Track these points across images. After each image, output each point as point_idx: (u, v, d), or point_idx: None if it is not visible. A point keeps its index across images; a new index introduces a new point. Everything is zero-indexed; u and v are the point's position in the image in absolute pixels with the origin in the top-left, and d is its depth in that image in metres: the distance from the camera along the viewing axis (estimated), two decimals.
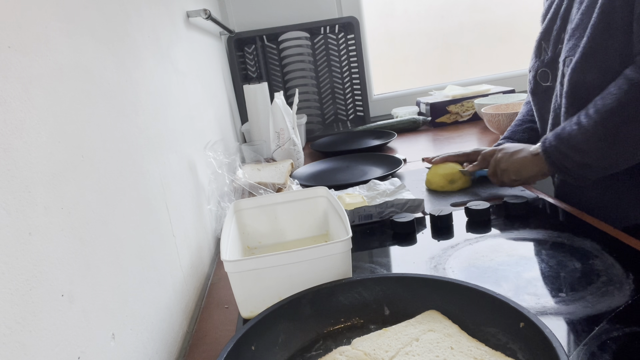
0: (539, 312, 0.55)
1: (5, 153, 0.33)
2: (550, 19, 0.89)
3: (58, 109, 0.42)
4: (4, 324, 0.30)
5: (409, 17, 1.95)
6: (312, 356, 0.51)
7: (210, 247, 0.94)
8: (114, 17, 0.61)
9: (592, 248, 0.67)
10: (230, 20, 1.78)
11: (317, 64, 1.82)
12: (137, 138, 0.61)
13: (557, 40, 0.87)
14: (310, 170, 1.29)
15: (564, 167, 0.79)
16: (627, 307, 0.53)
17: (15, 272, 0.32)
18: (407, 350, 0.48)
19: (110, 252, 0.48)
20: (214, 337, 0.63)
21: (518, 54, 1.92)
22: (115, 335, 0.46)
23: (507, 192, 0.93)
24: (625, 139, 0.72)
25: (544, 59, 0.90)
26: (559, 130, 0.79)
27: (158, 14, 0.83)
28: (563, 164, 0.78)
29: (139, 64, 0.68)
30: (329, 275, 0.58)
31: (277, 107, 1.28)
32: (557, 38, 0.87)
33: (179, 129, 0.84)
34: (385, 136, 1.53)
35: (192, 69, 1.05)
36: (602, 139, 0.73)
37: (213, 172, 0.95)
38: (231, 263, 0.57)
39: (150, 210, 0.62)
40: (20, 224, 0.34)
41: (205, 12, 1.12)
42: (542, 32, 0.91)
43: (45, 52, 0.41)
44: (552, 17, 0.89)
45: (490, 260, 0.69)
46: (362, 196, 0.95)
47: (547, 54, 0.89)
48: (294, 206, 0.80)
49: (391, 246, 0.79)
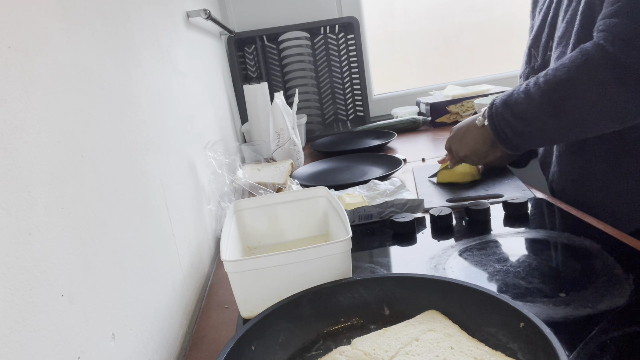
0: (539, 312, 0.55)
1: (5, 153, 0.33)
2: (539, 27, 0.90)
3: (58, 109, 0.42)
4: (4, 324, 0.30)
5: (409, 17, 1.95)
6: (312, 356, 0.51)
7: (210, 247, 0.94)
8: (114, 17, 0.61)
9: (592, 248, 0.67)
10: (230, 20, 1.78)
11: (317, 64, 1.82)
12: (137, 138, 0.61)
13: (546, 48, 0.88)
14: (310, 170, 1.29)
15: (504, 133, 0.79)
16: (627, 307, 0.53)
17: (15, 272, 0.32)
18: (407, 350, 0.48)
19: (110, 252, 0.48)
20: (214, 337, 0.63)
21: (518, 54, 1.91)
22: (115, 335, 0.46)
23: (507, 192, 0.93)
24: (567, 113, 0.72)
25: (534, 65, 0.92)
26: (506, 96, 0.79)
27: (158, 14, 0.83)
28: (504, 131, 0.79)
29: (139, 64, 0.68)
30: (329, 275, 0.58)
31: (277, 107, 1.28)
32: (545, 45, 0.88)
33: (179, 129, 0.84)
34: (385, 136, 1.53)
35: (192, 69, 1.05)
36: (544, 110, 0.73)
37: (213, 172, 0.95)
38: (231, 263, 0.57)
39: (150, 210, 0.62)
40: (20, 224, 0.34)
41: (205, 12, 1.12)
42: (532, 39, 0.93)
43: (45, 52, 0.41)
44: (541, 25, 0.90)
45: (491, 260, 0.69)
46: (362, 196, 0.95)
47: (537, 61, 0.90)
48: (294, 206, 0.80)
49: (391, 246, 0.79)
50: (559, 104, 0.72)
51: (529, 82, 0.76)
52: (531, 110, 0.74)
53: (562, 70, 0.71)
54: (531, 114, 0.75)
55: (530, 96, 0.74)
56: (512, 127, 0.77)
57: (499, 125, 0.79)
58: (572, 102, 0.71)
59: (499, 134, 0.80)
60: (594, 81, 0.69)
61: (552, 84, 0.72)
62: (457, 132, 0.90)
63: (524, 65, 0.95)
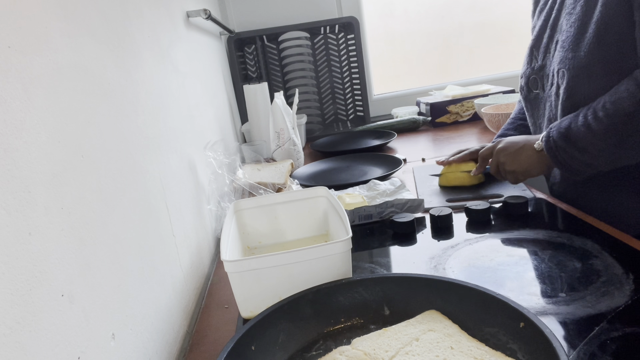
0: (539, 312, 0.55)
1: (5, 153, 0.33)
2: (540, 27, 0.90)
3: (58, 109, 0.42)
4: (4, 324, 0.30)
5: (409, 17, 1.95)
6: (312, 356, 0.51)
7: (210, 247, 0.94)
8: (114, 17, 0.61)
9: (592, 248, 0.67)
10: (230, 20, 1.78)
11: (317, 64, 1.82)
12: (137, 138, 0.61)
13: (547, 49, 0.88)
14: (310, 170, 1.29)
15: (569, 165, 0.80)
16: (627, 307, 0.53)
17: (15, 272, 0.32)
18: (407, 350, 0.48)
19: (110, 252, 0.48)
20: (214, 337, 0.63)
21: (518, 54, 1.91)
22: (115, 335, 0.46)
23: (507, 192, 0.93)
24: (634, 145, 0.74)
25: (534, 66, 0.92)
26: (563, 129, 0.79)
27: (158, 14, 0.83)
28: (568, 163, 0.80)
29: (139, 64, 0.68)
30: (329, 275, 0.58)
31: (277, 107, 1.28)
32: (546, 47, 0.88)
33: (179, 129, 0.84)
34: (385, 136, 1.53)
35: (192, 69, 1.05)
36: (611, 144, 0.74)
37: (213, 172, 0.95)
38: (231, 263, 0.57)
39: (150, 210, 0.62)
40: (20, 224, 0.34)
41: (205, 12, 1.12)
42: (533, 40, 0.93)
43: (45, 52, 0.41)
44: (542, 26, 0.90)
45: (490, 260, 0.69)
46: (362, 196, 0.95)
47: (537, 62, 0.91)
48: (294, 206, 0.80)
49: (391, 246, 0.79)
50: (626, 137, 0.74)
51: (586, 115, 0.76)
52: (596, 144, 0.76)
53: (622, 105, 0.72)
54: (596, 148, 0.76)
55: (593, 130, 0.75)
56: (578, 159, 0.78)
57: (562, 158, 0.80)
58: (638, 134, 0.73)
59: (563, 165, 0.81)
60: None
61: (614, 117, 0.73)
62: (509, 147, 0.89)
63: (525, 65, 0.95)
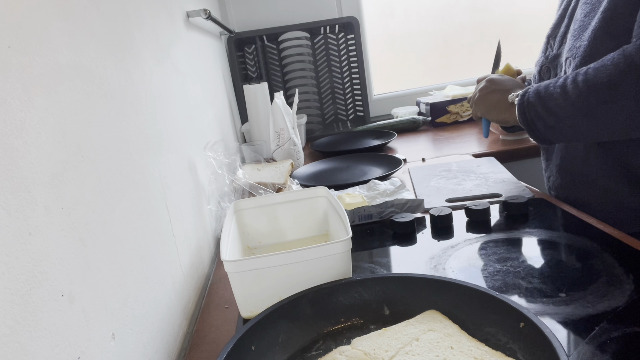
0: (538, 312, 0.55)
1: (5, 153, 0.33)
2: (559, 16, 0.90)
3: (58, 109, 0.42)
4: (4, 324, 0.30)
5: (409, 17, 1.94)
6: (312, 356, 0.51)
7: (210, 247, 0.94)
8: (114, 17, 0.61)
9: (592, 248, 0.67)
10: (230, 20, 1.78)
11: (317, 64, 1.82)
12: (137, 138, 0.61)
13: (562, 39, 0.87)
14: (310, 170, 1.29)
15: (534, 124, 0.79)
16: (627, 307, 0.53)
17: (15, 272, 0.32)
18: (407, 350, 0.48)
19: (110, 252, 0.48)
20: (214, 337, 0.63)
21: (518, 54, 1.92)
22: (115, 335, 0.46)
23: (506, 191, 0.93)
24: (601, 116, 0.72)
25: (548, 55, 0.91)
26: (541, 88, 0.79)
27: (158, 14, 0.83)
28: (533, 122, 0.79)
29: (139, 64, 0.68)
30: (329, 275, 0.58)
31: (277, 107, 1.28)
32: (562, 36, 0.87)
33: (179, 129, 0.84)
34: (385, 136, 1.53)
35: (192, 69, 1.05)
36: (579, 110, 0.73)
37: (213, 172, 0.95)
38: (231, 263, 0.57)
39: (150, 210, 0.62)
40: (20, 224, 0.34)
41: (205, 12, 1.12)
42: (551, 29, 0.92)
43: (45, 52, 0.41)
44: (561, 14, 0.89)
45: (491, 260, 0.69)
46: (362, 196, 0.95)
47: (552, 51, 0.90)
48: (294, 206, 0.80)
49: (391, 246, 0.79)
50: (595, 107, 0.71)
51: (567, 77, 0.75)
52: (565, 108, 0.74)
53: (604, 73, 0.70)
54: (565, 111, 0.74)
55: (567, 93, 0.73)
56: (543, 120, 0.77)
57: (529, 115, 0.79)
58: (608, 107, 0.70)
59: (528, 123, 0.80)
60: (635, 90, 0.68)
61: (591, 84, 0.71)
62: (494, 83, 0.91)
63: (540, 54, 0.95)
